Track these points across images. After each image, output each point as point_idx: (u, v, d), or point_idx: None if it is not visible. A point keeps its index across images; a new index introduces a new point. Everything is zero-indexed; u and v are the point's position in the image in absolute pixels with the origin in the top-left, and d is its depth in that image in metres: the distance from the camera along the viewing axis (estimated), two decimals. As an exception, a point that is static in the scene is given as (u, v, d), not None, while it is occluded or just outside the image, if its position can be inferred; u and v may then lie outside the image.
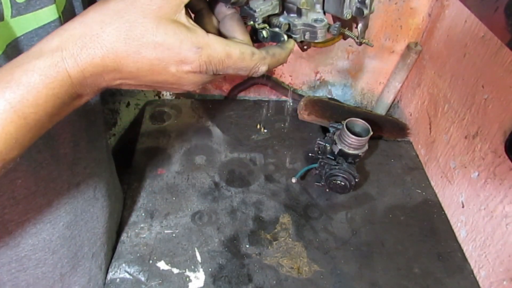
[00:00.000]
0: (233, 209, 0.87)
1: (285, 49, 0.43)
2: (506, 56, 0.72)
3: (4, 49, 0.42)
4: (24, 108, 0.32)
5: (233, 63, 0.38)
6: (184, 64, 0.35)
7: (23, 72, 0.32)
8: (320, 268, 0.78)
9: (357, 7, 0.41)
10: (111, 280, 0.73)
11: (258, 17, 0.41)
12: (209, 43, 0.36)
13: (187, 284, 0.73)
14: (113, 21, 0.33)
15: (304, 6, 0.41)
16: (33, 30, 0.45)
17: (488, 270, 0.76)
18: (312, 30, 0.43)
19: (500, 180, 0.73)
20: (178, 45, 0.34)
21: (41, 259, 0.57)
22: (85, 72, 0.34)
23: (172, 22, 0.34)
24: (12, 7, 0.42)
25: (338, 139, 0.85)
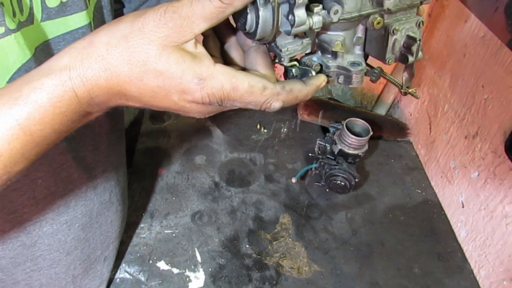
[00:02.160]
0: (233, 209, 0.87)
1: (309, 85, 0.39)
2: (506, 56, 0.72)
3: (34, 51, 0.42)
4: (30, 125, 0.32)
5: (240, 96, 0.35)
6: (186, 94, 0.34)
7: (31, 90, 0.32)
8: (320, 268, 0.78)
9: (401, 53, 0.38)
10: (111, 280, 0.73)
11: (284, 56, 0.38)
12: (214, 74, 0.34)
13: (187, 284, 0.73)
14: (119, 44, 0.33)
15: (337, 49, 0.38)
16: (61, 35, 0.46)
17: (488, 270, 0.76)
18: (347, 74, 0.39)
19: (500, 180, 0.73)
20: (180, 75, 0.33)
21: (56, 259, 0.58)
22: (91, 93, 0.34)
23: (177, 51, 0.33)
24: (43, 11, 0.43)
25: (338, 139, 0.85)
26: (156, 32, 0.32)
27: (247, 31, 0.35)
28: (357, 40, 0.39)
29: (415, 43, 0.36)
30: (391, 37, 0.37)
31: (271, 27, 0.34)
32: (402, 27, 0.37)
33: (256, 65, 0.39)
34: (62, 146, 0.51)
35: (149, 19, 0.32)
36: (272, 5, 0.33)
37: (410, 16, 0.38)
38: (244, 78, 0.35)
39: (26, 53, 0.41)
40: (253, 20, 0.34)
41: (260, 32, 0.34)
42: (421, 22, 0.38)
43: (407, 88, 0.42)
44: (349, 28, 0.38)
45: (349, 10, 0.36)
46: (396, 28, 0.37)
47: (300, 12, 0.33)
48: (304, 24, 0.34)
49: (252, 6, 0.33)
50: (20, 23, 0.41)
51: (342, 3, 0.35)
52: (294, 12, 0.33)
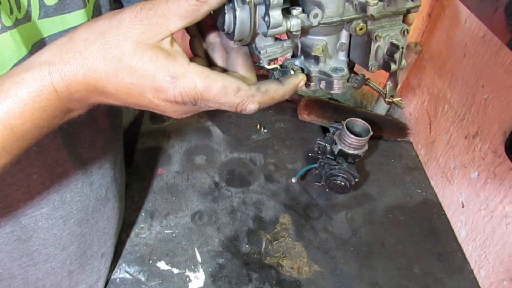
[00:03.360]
0: (233, 209, 0.87)
1: (286, 84, 0.38)
2: (506, 56, 0.72)
3: (30, 49, 0.43)
4: (10, 119, 0.32)
5: (213, 97, 0.35)
6: (160, 92, 0.34)
7: (12, 84, 0.32)
8: (320, 268, 0.78)
9: (385, 60, 0.37)
10: (111, 280, 0.73)
11: (263, 59, 0.37)
12: (187, 73, 0.34)
13: (187, 284, 0.73)
14: (96, 40, 0.33)
15: (317, 53, 0.37)
16: (58, 32, 0.46)
17: (488, 270, 0.76)
18: (328, 79, 0.38)
19: (500, 180, 0.73)
20: (153, 73, 0.33)
21: (51, 254, 0.59)
22: (70, 88, 0.34)
23: (151, 48, 0.33)
24: (40, 9, 0.43)
25: (338, 139, 0.85)
26: (132, 29, 0.32)
27: (226, 31, 0.35)
28: (341, 46, 0.39)
29: (398, 51, 0.36)
30: (374, 44, 0.36)
31: (248, 27, 0.34)
32: (385, 34, 0.36)
33: (236, 66, 0.39)
34: (57, 142, 0.51)
35: (125, 16, 0.33)
36: (249, 6, 0.33)
37: (395, 23, 0.37)
38: (218, 78, 0.34)
39: (22, 50, 0.41)
40: (231, 20, 0.34)
41: (238, 32, 0.34)
42: (406, 30, 0.37)
43: (391, 97, 0.42)
44: (332, 33, 0.38)
45: (330, 14, 0.35)
46: (379, 35, 0.36)
47: (276, 13, 0.32)
48: (281, 26, 0.33)
49: (229, 6, 0.33)
50: (17, 20, 0.41)
51: (323, 7, 0.34)
52: (270, 13, 0.32)
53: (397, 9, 0.36)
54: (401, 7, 0.36)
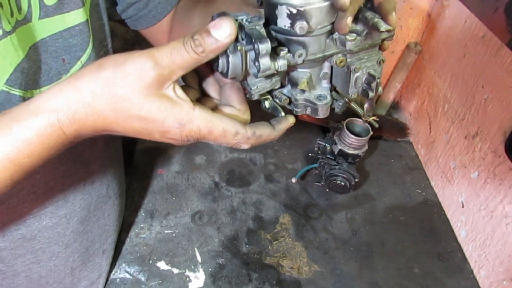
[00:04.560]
0: (233, 209, 0.87)
1: (278, 130, 0.43)
2: (506, 56, 0.72)
3: (27, 51, 0.44)
4: (20, 158, 0.35)
5: (214, 138, 0.39)
6: (167, 134, 0.38)
7: (21, 128, 0.34)
8: (320, 268, 0.78)
9: (363, 88, 0.40)
10: (111, 280, 0.73)
11: (254, 94, 0.40)
12: (192, 119, 0.37)
13: (187, 284, 0.73)
14: (104, 92, 0.35)
15: (303, 87, 0.40)
16: (58, 32, 0.47)
17: (488, 270, 0.76)
18: (314, 107, 0.42)
19: (500, 180, 0.73)
20: (162, 121, 0.36)
21: (55, 252, 0.59)
22: (79, 130, 0.36)
23: (158, 98, 0.36)
24: (41, 9, 0.44)
25: (338, 139, 0.85)
26: (139, 81, 0.35)
27: (220, 71, 0.38)
28: (324, 75, 0.42)
29: (375, 80, 0.39)
30: (353, 75, 0.39)
31: (240, 70, 0.37)
32: (363, 65, 0.39)
33: (230, 101, 0.43)
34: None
35: (131, 69, 0.35)
36: (241, 52, 0.36)
37: (372, 54, 0.40)
38: (219, 123, 0.38)
39: (20, 54, 0.42)
40: (225, 64, 0.37)
41: (231, 73, 0.37)
42: (382, 60, 0.40)
43: (368, 117, 0.45)
44: (315, 66, 0.41)
45: (313, 52, 0.38)
46: (357, 67, 0.39)
47: (265, 60, 0.35)
48: (270, 69, 0.36)
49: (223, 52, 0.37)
50: (17, 22, 0.42)
51: (307, 47, 0.37)
52: (260, 60, 0.35)
53: (373, 42, 0.40)
54: (376, 39, 0.40)
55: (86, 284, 0.68)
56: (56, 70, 0.49)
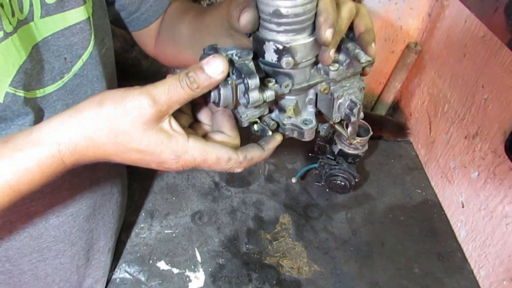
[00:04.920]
0: (233, 209, 0.87)
1: (267, 150, 0.46)
2: (506, 56, 0.72)
3: (30, 51, 0.44)
4: (20, 185, 0.37)
5: (208, 166, 0.42)
6: (164, 164, 0.40)
7: (22, 157, 0.36)
8: (320, 268, 0.78)
9: (346, 113, 0.43)
10: (111, 280, 0.73)
11: (244, 121, 0.43)
12: (188, 150, 0.40)
13: (187, 284, 0.73)
14: (105, 127, 0.37)
15: (289, 114, 0.43)
16: (60, 30, 0.48)
17: (488, 270, 0.76)
18: (300, 131, 0.44)
19: (500, 180, 0.73)
20: (159, 153, 0.39)
21: (61, 250, 0.60)
22: (79, 161, 0.39)
23: (156, 132, 0.38)
24: (42, 7, 0.45)
25: (338, 139, 0.85)
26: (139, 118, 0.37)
27: (212, 101, 0.41)
28: (309, 100, 0.44)
29: (357, 106, 0.42)
30: (336, 101, 0.42)
31: (231, 101, 0.40)
32: (345, 93, 0.42)
33: (222, 127, 0.45)
34: None
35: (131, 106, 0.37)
36: (231, 86, 0.39)
37: (353, 82, 0.43)
38: (212, 151, 0.41)
39: (22, 55, 0.43)
40: (216, 96, 0.40)
41: (222, 104, 0.40)
42: (363, 87, 0.44)
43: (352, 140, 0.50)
44: (301, 93, 0.43)
45: (299, 82, 0.41)
46: (340, 94, 0.42)
47: (254, 94, 0.38)
48: (259, 101, 0.39)
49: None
50: (19, 22, 0.42)
51: (293, 77, 0.40)
52: (249, 93, 0.38)
53: (355, 71, 0.43)
54: (358, 68, 0.43)
55: (91, 282, 0.69)
56: (59, 69, 0.49)
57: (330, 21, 0.38)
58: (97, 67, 0.55)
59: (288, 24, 0.37)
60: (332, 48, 0.40)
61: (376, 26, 1.03)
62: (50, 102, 0.49)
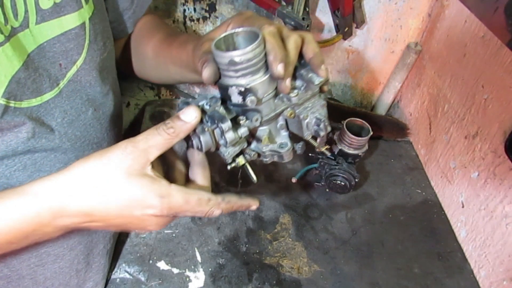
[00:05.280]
0: (233, 209, 0.87)
1: (244, 200, 0.49)
2: (506, 56, 0.72)
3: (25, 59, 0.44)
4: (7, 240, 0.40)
5: (191, 208, 0.44)
6: (149, 209, 0.42)
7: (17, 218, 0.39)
8: (320, 268, 0.78)
9: (315, 130, 0.49)
10: (111, 280, 0.73)
11: (227, 158, 0.47)
12: (171, 192, 0.42)
13: (187, 284, 0.73)
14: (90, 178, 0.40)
15: (265, 143, 0.48)
16: (56, 36, 0.48)
17: (488, 270, 0.76)
18: (279, 154, 0.49)
19: (500, 180, 0.73)
20: (143, 196, 0.41)
21: (59, 254, 0.60)
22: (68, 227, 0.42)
23: (139, 176, 0.41)
24: (37, 13, 0.45)
25: (338, 139, 0.85)
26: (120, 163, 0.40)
27: (195, 148, 0.46)
28: (281, 126, 0.49)
29: (322, 122, 0.48)
30: (304, 122, 0.48)
31: (211, 144, 0.45)
32: (310, 112, 0.48)
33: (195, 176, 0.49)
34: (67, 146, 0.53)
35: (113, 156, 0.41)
36: (208, 132, 0.44)
37: (314, 101, 0.48)
38: (194, 193, 0.44)
39: (15, 64, 0.43)
40: (198, 143, 0.45)
41: (205, 148, 0.45)
42: (324, 104, 0.49)
43: (321, 148, 0.54)
44: (272, 122, 0.48)
45: (267, 113, 0.46)
46: (305, 115, 0.48)
47: (229, 135, 0.43)
48: (235, 139, 0.44)
49: (194, 133, 0.44)
50: (13, 30, 0.42)
51: (261, 111, 0.45)
52: (225, 135, 0.43)
53: (313, 92, 0.48)
54: (315, 89, 0.47)
55: (91, 285, 0.68)
56: (55, 76, 0.49)
57: (278, 57, 0.42)
58: (91, 72, 0.55)
59: (244, 69, 0.42)
60: (287, 78, 0.44)
61: (376, 26, 1.03)
62: (48, 109, 0.50)
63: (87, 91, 0.56)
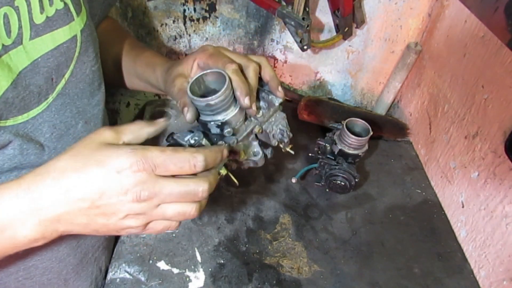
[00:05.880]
0: (233, 209, 0.87)
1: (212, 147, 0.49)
2: (506, 56, 0.72)
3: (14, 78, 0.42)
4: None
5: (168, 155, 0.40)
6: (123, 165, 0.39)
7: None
8: (320, 268, 0.78)
9: (280, 138, 0.60)
10: (111, 280, 0.72)
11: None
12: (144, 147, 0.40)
13: (187, 284, 0.73)
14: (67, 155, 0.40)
15: (242, 156, 0.56)
16: (50, 51, 0.47)
17: (488, 270, 0.76)
18: (253, 161, 0.59)
19: (500, 180, 0.73)
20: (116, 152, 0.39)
21: (48, 267, 0.59)
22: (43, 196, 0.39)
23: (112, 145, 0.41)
24: (31, 29, 0.44)
25: (338, 139, 0.85)
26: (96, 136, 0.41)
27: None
28: (252, 138, 0.59)
29: (285, 132, 0.60)
30: (270, 134, 0.60)
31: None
32: (274, 126, 0.60)
33: None
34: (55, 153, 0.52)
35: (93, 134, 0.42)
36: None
37: (277, 115, 0.60)
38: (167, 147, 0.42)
39: (3, 85, 0.41)
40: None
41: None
42: (285, 116, 0.61)
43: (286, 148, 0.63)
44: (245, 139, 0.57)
45: (240, 134, 0.55)
46: (270, 129, 0.59)
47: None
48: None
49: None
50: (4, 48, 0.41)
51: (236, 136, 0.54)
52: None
53: (275, 109, 0.59)
54: (275, 107, 0.58)
55: None
56: (46, 90, 0.48)
57: (244, 92, 0.50)
58: (78, 85, 0.54)
59: (219, 108, 0.50)
60: (252, 104, 0.52)
61: (376, 26, 1.03)
62: (36, 125, 0.48)
63: (76, 103, 0.54)
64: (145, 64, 0.67)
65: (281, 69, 1.14)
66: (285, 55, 1.10)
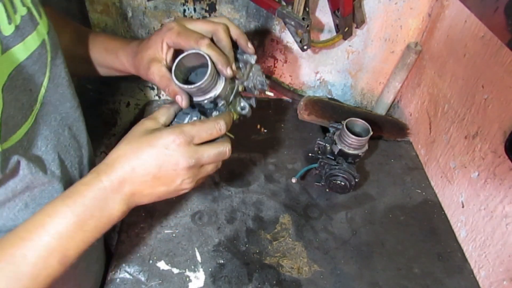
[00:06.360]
0: (233, 209, 0.87)
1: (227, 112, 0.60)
2: (506, 56, 0.72)
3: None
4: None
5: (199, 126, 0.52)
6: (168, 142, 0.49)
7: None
8: (320, 268, 0.78)
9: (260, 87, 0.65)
10: (111, 280, 0.72)
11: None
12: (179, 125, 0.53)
13: (187, 284, 0.73)
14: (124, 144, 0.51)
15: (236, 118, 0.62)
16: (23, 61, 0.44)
17: (488, 270, 0.76)
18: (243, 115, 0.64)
19: (500, 180, 0.73)
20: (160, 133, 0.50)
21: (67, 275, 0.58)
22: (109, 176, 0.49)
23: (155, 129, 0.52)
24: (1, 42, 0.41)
25: (338, 139, 0.85)
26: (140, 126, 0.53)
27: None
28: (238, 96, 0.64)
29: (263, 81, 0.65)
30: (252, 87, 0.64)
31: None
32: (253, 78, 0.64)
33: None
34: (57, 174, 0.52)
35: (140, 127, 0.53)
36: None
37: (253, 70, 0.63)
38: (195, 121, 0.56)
39: None
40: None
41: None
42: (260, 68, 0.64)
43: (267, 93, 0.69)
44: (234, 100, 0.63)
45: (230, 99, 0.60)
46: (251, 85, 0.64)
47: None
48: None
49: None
50: None
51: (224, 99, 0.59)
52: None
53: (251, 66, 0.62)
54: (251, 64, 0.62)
55: None
56: (28, 103, 0.46)
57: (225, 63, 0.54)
58: (57, 90, 0.52)
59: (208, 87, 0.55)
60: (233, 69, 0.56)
61: (376, 26, 1.03)
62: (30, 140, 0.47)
63: (59, 109, 0.53)
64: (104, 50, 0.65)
65: (281, 69, 1.14)
66: (285, 55, 1.10)
